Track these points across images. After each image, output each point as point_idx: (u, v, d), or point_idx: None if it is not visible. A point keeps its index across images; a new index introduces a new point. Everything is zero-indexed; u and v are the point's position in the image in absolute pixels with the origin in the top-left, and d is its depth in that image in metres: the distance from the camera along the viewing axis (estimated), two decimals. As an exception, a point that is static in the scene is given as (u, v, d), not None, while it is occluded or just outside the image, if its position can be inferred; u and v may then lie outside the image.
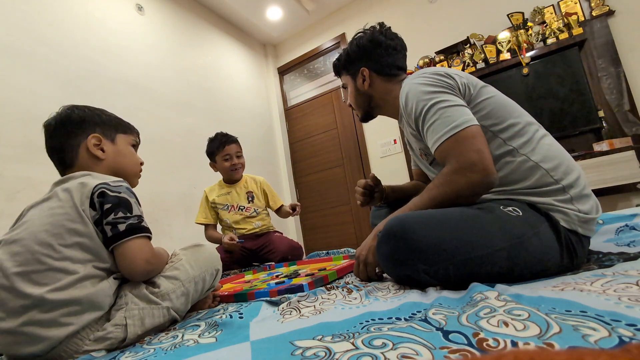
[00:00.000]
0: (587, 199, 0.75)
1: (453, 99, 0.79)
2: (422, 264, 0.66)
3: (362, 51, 1.01)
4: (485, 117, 0.81)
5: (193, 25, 2.95)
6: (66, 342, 0.59)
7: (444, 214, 0.71)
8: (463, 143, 0.74)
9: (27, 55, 1.76)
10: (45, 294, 0.57)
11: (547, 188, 0.74)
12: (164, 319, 0.69)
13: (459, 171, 0.74)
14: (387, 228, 0.71)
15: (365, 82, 1.02)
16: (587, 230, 0.73)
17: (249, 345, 0.48)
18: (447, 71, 0.85)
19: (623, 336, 0.33)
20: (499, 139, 0.80)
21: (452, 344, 0.38)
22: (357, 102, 1.07)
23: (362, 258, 0.85)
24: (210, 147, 1.85)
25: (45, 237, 0.61)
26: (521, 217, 0.70)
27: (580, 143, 2.24)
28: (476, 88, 0.84)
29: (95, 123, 0.79)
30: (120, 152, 0.81)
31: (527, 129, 0.80)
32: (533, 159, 0.76)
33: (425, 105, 0.81)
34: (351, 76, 1.05)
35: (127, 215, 0.67)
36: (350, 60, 1.04)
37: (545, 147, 0.78)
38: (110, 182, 0.69)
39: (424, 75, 0.86)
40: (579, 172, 0.78)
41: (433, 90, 0.81)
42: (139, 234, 0.67)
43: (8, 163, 1.58)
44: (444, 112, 0.78)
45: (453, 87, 0.82)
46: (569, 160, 0.79)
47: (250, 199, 1.91)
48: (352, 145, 3.34)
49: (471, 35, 2.62)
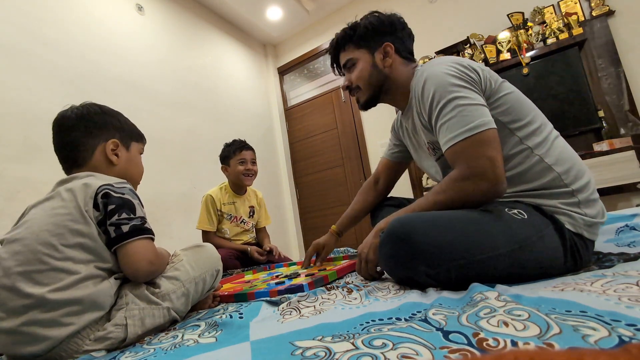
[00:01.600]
0: (595, 203, 0.74)
1: (474, 96, 0.75)
2: (423, 266, 0.66)
3: (390, 25, 0.94)
4: (505, 113, 0.78)
5: (193, 25, 2.95)
6: (67, 341, 0.59)
7: (448, 216, 0.70)
8: (477, 147, 0.71)
9: (27, 55, 1.76)
10: (46, 293, 0.58)
11: (556, 190, 0.73)
12: (164, 319, 0.70)
13: (468, 178, 0.72)
14: (390, 229, 0.70)
15: (388, 59, 0.93)
16: (592, 234, 0.73)
17: (249, 345, 0.48)
18: (470, 63, 0.81)
19: (623, 336, 0.33)
20: (516, 137, 0.77)
21: (452, 343, 0.38)
22: (369, 80, 0.96)
23: (363, 256, 0.85)
24: (226, 150, 1.82)
25: (48, 236, 0.61)
26: (526, 220, 0.70)
27: (580, 143, 2.23)
28: (497, 82, 0.81)
29: (116, 128, 0.80)
30: (132, 160, 0.83)
31: (542, 128, 0.79)
32: (547, 161, 0.75)
33: (444, 98, 0.76)
34: (369, 50, 0.95)
35: (130, 216, 0.67)
36: (374, 32, 0.94)
37: (559, 149, 0.77)
38: (114, 184, 0.69)
39: (447, 63, 0.81)
40: (590, 176, 0.77)
41: (455, 82, 0.76)
42: (142, 235, 0.68)
43: (8, 163, 1.58)
44: (462, 109, 0.73)
45: (476, 82, 0.78)
46: (580, 164, 0.78)
47: (251, 213, 1.91)
48: (352, 145, 3.34)
49: (471, 35, 2.62)
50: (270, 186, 3.37)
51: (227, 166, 1.82)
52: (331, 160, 3.45)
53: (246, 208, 1.89)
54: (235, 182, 1.84)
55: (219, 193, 1.82)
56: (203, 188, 2.20)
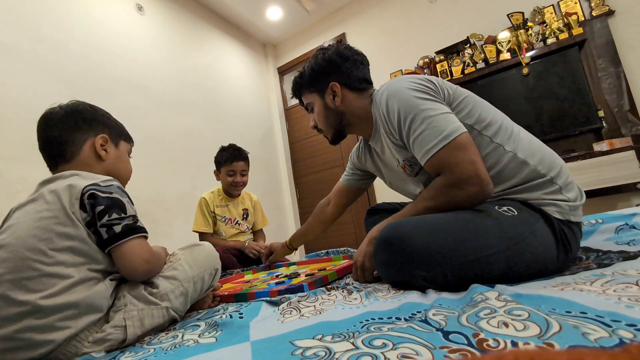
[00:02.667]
0: (572, 186, 0.77)
1: (438, 106, 0.77)
2: (419, 270, 0.66)
3: (330, 65, 0.95)
4: (468, 115, 0.80)
5: (193, 25, 2.95)
6: (65, 345, 0.59)
7: (439, 218, 0.70)
8: (456, 153, 0.72)
9: (27, 55, 1.76)
10: (39, 300, 0.56)
11: (537, 182, 0.75)
12: (163, 319, 0.69)
13: (455, 185, 0.73)
14: (383, 235, 0.71)
15: (337, 98, 0.95)
16: (577, 216, 0.75)
17: (249, 345, 0.48)
18: (425, 76, 0.84)
19: (624, 338, 0.33)
20: (485, 136, 0.79)
21: (452, 343, 0.38)
22: (327, 121, 1.00)
23: (359, 264, 0.85)
24: (220, 156, 1.84)
25: (35, 242, 0.59)
26: (517, 217, 0.70)
27: (580, 143, 2.24)
28: (452, 89, 0.84)
29: (105, 124, 0.80)
30: (121, 158, 0.82)
31: (505, 124, 0.81)
32: (519, 155, 0.76)
33: (410, 113, 0.78)
34: (318, 93, 0.98)
35: (121, 215, 0.66)
36: (317, 75, 0.96)
37: (525, 142, 0.79)
38: (100, 183, 0.67)
39: (404, 79, 0.83)
40: (560, 162, 0.79)
41: (417, 95, 0.79)
42: (136, 235, 0.67)
43: (8, 163, 1.58)
44: (431, 121, 0.75)
45: (436, 92, 0.81)
46: (549, 152, 0.80)
47: (245, 216, 1.94)
48: (352, 146, 3.33)
49: (471, 35, 2.62)
50: (270, 186, 3.37)
51: (219, 172, 1.87)
52: (331, 160, 3.45)
53: (239, 210, 1.92)
54: (225, 189, 1.89)
55: (212, 196, 1.87)
56: (203, 188, 2.20)
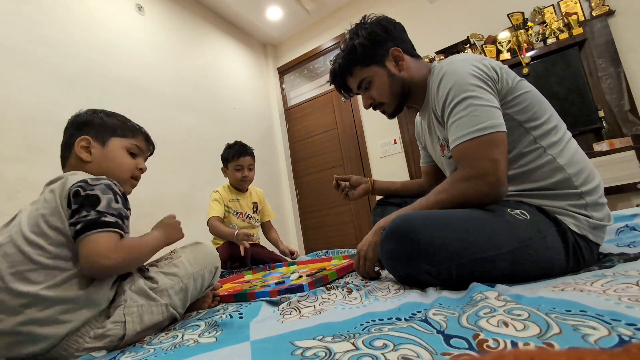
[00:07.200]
0: (602, 207, 0.75)
1: (488, 97, 0.75)
2: (425, 263, 0.66)
3: (384, 31, 0.90)
4: (521, 111, 0.78)
5: (193, 25, 2.95)
6: (66, 339, 0.60)
7: (450, 214, 0.71)
8: (483, 149, 0.71)
9: (27, 55, 1.76)
10: (40, 291, 0.58)
11: (565, 191, 0.73)
12: (163, 316, 0.70)
13: (470, 179, 0.72)
14: (392, 226, 0.71)
15: (402, 62, 0.90)
16: (597, 237, 0.73)
17: (249, 345, 0.48)
18: (490, 62, 0.80)
19: (623, 335, 0.33)
20: (531, 135, 0.77)
21: (453, 349, 0.38)
22: (391, 91, 0.93)
23: (362, 253, 0.85)
24: (227, 153, 1.90)
25: (34, 237, 0.62)
26: (528, 220, 0.70)
27: (580, 143, 2.20)
28: (514, 81, 0.80)
29: (92, 125, 0.79)
30: (107, 156, 0.79)
31: (558, 129, 0.79)
32: (559, 161, 0.75)
33: (458, 96, 0.76)
34: (377, 64, 0.92)
35: (87, 213, 0.63)
36: (374, 45, 0.90)
37: (572, 150, 0.77)
38: (89, 180, 0.67)
39: (469, 61, 0.79)
40: (599, 180, 0.77)
41: (473, 82, 0.76)
42: (96, 230, 0.63)
43: (8, 163, 1.58)
44: (474, 109, 0.73)
45: (495, 81, 0.77)
46: (591, 167, 0.78)
47: (255, 209, 1.99)
48: (352, 145, 3.33)
49: (471, 35, 2.62)
50: (270, 186, 3.37)
51: (226, 169, 1.93)
52: (331, 160, 3.45)
53: (250, 204, 1.98)
54: (234, 184, 1.95)
55: (223, 191, 1.93)
56: (203, 188, 2.21)
